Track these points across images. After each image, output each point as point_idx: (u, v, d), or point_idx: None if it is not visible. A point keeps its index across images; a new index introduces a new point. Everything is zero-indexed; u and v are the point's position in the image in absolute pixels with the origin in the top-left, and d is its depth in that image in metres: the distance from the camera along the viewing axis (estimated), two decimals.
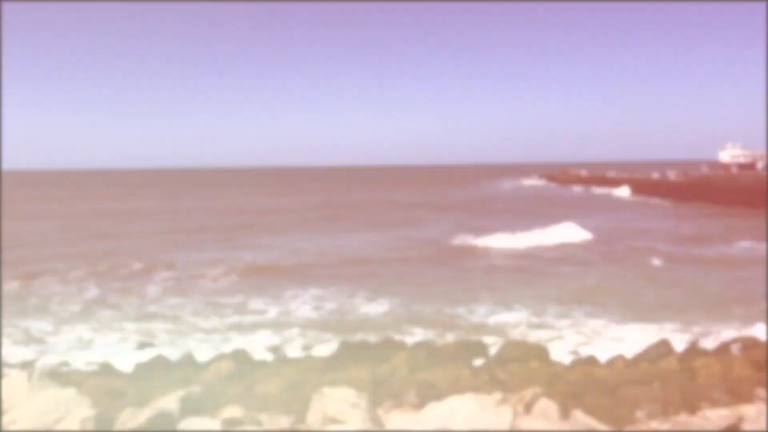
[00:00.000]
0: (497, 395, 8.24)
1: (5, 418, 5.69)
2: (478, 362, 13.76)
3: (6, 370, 12.94)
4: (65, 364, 14.22)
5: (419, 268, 27.07)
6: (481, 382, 11.03)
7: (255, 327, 18.42)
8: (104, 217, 52.54)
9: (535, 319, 18.62)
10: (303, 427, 6.29)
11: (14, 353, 15.84)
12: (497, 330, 17.66)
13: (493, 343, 15.46)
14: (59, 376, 11.54)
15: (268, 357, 14.90)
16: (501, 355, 13.25)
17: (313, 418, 6.47)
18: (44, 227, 44.97)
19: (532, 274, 25.98)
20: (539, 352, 13.25)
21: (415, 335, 17.01)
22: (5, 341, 16.86)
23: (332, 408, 6.20)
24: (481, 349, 14.79)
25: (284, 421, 6.47)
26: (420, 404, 7.96)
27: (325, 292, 22.57)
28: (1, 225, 42.56)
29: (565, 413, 7.21)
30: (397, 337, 16.09)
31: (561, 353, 14.79)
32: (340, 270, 26.66)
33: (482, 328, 17.84)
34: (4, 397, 6.15)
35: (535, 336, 16.62)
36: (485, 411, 6.76)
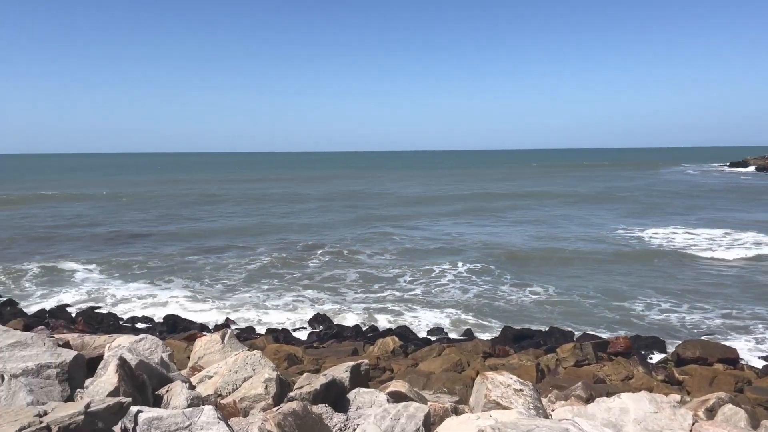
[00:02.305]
0: (675, 396, 7.64)
1: (202, 373, 6.38)
2: (653, 360, 12.88)
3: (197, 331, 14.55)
4: (251, 329, 15.65)
5: (578, 260, 25.61)
6: (657, 381, 10.31)
7: (410, 305, 19.01)
8: (265, 200, 55.58)
9: (725, 320, 16.93)
10: (466, 408, 6.32)
11: (199, 316, 17.82)
12: (676, 328, 16.36)
13: (672, 342, 14.37)
14: (246, 339, 12.75)
15: (430, 336, 15.22)
16: (680, 355, 12.25)
17: (475, 401, 6.46)
18: (215, 208, 49.10)
19: (723, 271, 23.52)
20: (726, 354, 12.05)
21: (583, 328, 16.34)
22: (192, 304, 19.07)
23: (496, 393, 6.14)
24: (657, 346, 13.82)
25: (447, 401, 6.55)
26: (588, 398, 7.64)
27: (475, 277, 22.60)
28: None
29: (755, 423, 6.51)
30: (565, 329, 15.57)
31: (753, 357, 13.35)
32: (490, 257, 26.22)
33: (659, 326, 16.61)
34: (201, 354, 6.93)
35: (722, 337, 15.15)
36: (661, 412, 6.31)
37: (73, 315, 16.91)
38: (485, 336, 15.35)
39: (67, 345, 5.97)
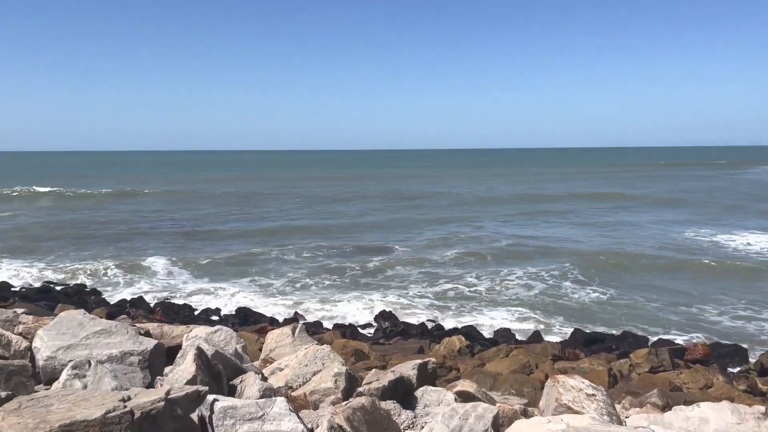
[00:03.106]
0: (759, 408, 7.23)
1: (273, 365, 6.53)
2: (734, 369, 12.26)
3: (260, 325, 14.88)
4: (318, 324, 15.91)
5: (647, 264, 24.53)
6: (738, 391, 9.80)
7: (475, 304, 18.91)
8: (320, 199, 55.33)
9: None
10: (536, 411, 6.21)
11: (267, 310, 18.24)
12: (755, 336, 15.53)
13: (754, 350, 13.64)
14: (314, 333, 12.96)
15: (497, 336, 15.03)
16: (764, 365, 11.61)
17: (545, 404, 6.34)
18: (276, 206, 49.76)
19: None
20: None
21: (655, 332, 15.78)
22: (260, 298, 19.57)
23: (567, 397, 6.00)
24: (738, 354, 13.14)
25: (516, 403, 6.45)
26: (664, 406, 7.35)
27: (543, 276, 22.33)
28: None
29: None
30: (638, 333, 15.05)
31: None
32: (556, 258, 25.62)
33: (734, 333, 15.82)
34: (272, 346, 7.10)
35: None
36: (744, 423, 5.99)
37: (151, 305, 17.66)
38: (552, 338, 15.08)
39: (147, 334, 6.24)
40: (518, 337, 15.15)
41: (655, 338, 14.73)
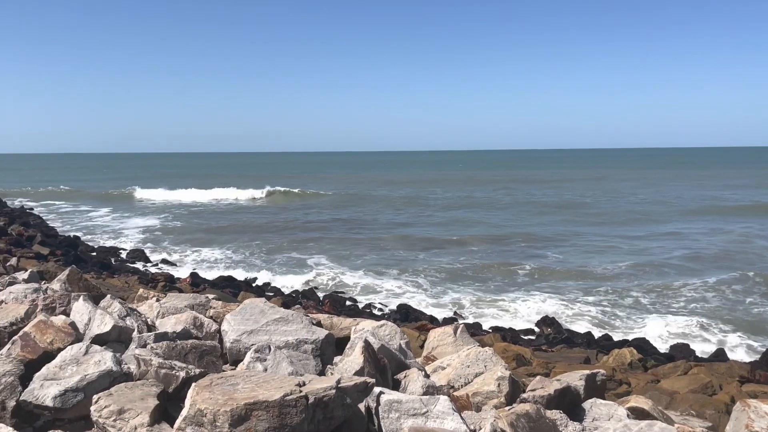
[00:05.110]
0: None
1: (435, 363, 6.59)
2: None
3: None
4: (478, 325, 15.82)
5: None
6: None
7: (645, 315, 17.71)
8: (454, 205, 52.55)
9: None
10: None
11: (424, 309, 18.44)
12: None
13: None
14: (473, 335, 12.90)
15: (672, 351, 13.90)
16: None
17: (732, 430, 5.73)
18: (437, 211, 49.34)
19: None
20: None
21: None
22: (416, 296, 19.85)
23: (760, 424, 5.37)
24: None
25: (697, 426, 5.91)
26: None
27: (719, 289, 20.38)
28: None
29: None
30: None
31: None
32: (738, 271, 22.91)
33: None
34: (434, 344, 7.17)
35: None
36: None
37: (321, 297, 18.70)
38: (737, 357, 13.70)
39: (319, 324, 6.60)
40: (697, 353, 13.88)
41: None
